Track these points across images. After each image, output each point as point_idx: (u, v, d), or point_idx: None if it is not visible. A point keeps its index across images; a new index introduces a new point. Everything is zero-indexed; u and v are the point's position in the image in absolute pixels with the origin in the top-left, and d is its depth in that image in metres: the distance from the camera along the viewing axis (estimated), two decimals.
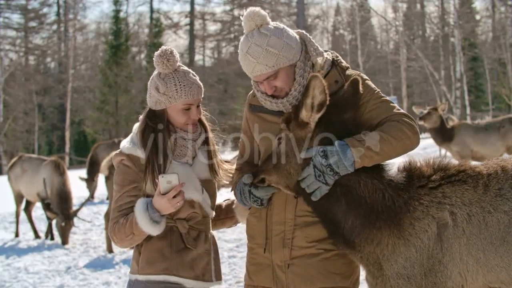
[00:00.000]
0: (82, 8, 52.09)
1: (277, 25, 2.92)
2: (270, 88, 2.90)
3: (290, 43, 2.89)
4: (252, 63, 2.85)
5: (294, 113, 2.75)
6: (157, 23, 45.37)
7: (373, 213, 2.63)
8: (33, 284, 7.55)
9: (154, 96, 3.00)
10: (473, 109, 36.02)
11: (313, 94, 2.63)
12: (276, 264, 2.96)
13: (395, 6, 38.95)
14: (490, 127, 12.19)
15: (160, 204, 2.84)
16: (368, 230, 2.64)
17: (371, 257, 2.68)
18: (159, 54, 2.98)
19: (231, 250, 8.74)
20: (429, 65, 30.04)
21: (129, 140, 3.04)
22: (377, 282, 2.70)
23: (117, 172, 3.00)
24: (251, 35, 2.89)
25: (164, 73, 3.00)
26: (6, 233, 11.76)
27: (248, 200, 2.93)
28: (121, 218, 2.92)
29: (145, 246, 3.00)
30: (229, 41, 51.52)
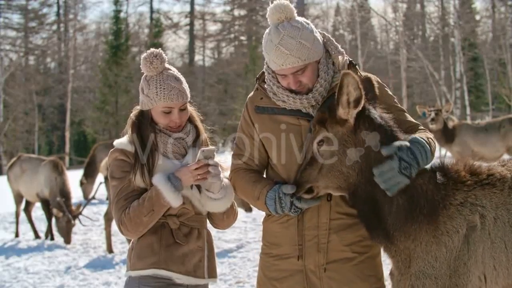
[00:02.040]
0: (82, 8, 52.06)
1: (304, 19, 2.92)
2: (296, 82, 2.88)
3: (318, 39, 2.92)
4: (284, 55, 2.82)
5: (329, 112, 2.76)
6: (157, 23, 45.37)
7: (417, 207, 2.67)
8: (33, 284, 7.55)
9: (140, 96, 3.12)
10: (473, 109, 36.01)
11: (347, 91, 2.65)
12: (309, 269, 2.94)
13: (395, 6, 38.94)
14: (490, 127, 12.19)
15: (183, 172, 2.94)
16: (410, 224, 2.68)
17: (404, 253, 2.72)
18: (145, 56, 3.07)
19: (231, 250, 8.74)
20: (429, 65, 30.03)
21: (121, 138, 3.15)
22: (401, 279, 2.73)
23: (114, 167, 3.06)
24: (282, 27, 2.84)
25: (149, 75, 3.09)
26: (6, 233, 11.76)
27: (288, 210, 2.85)
28: (134, 202, 2.95)
29: (136, 243, 3.06)
30: (229, 41, 51.52)
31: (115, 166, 3.05)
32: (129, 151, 3.05)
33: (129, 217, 2.93)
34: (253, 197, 2.96)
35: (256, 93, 3.09)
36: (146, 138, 3.06)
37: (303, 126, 2.95)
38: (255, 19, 48.40)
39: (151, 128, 3.08)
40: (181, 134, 3.15)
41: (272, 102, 3.00)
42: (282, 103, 2.95)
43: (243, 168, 3.08)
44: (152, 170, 3.01)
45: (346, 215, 2.94)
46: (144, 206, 2.92)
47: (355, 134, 2.72)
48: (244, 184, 3.02)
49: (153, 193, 2.94)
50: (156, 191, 2.93)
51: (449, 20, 34.81)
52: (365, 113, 2.73)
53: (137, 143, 3.04)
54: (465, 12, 32.91)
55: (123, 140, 3.11)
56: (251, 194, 2.97)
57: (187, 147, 3.13)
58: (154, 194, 2.93)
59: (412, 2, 43.02)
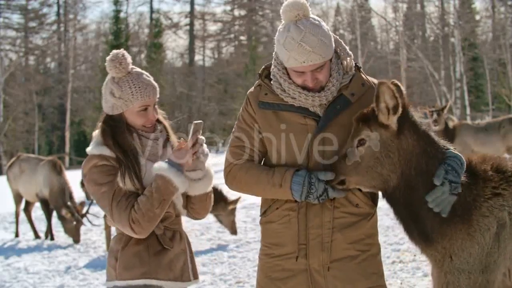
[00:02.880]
0: (82, 8, 52.21)
1: (318, 18, 2.93)
2: (313, 80, 2.87)
3: (333, 37, 2.94)
4: (307, 52, 2.80)
5: (373, 113, 2.80)
6: (157, 23, 45.36)
7: (452, 210, 2.74)
8: (33, 284, 7.55)
9: (109, 101, 2.99)
10: (473, 109, 36.02)
11: (384, 99, 2.72)
12: (313, 268, 2.94)
13: (395, 7, 38.96)
14: (490, 127, 12.20)
15: (179, 154, 2.89)
16: (446, 225, 2.76)
17: (441, 252, 2.80)
18: (110, 58, 2.97)
19: (231, 250, 8.75)
20: (429, 65, 30.04)
21: (94, 145, 3.00)
22: (440, 276, 2.82)
23: (97, 174, 2.90)
24: (302, 24, 2.83)
25: (117, 77, 2.99)
26: (6, 233, 11.76)
27: (315, 197, 2.83)
28: (141, 197, 2.85)
29: (121, 252, 2.96)
30: (229, 41, 51.53)
31: (99, 173, 2.90)
32: (108, 155, 2.93)
33: (141, 213, 2.82)
34: (271, 184, 2.88)
35: (259, 88, 3.05)
36: (127, 143, 2.95)
37: (310, 125, 2.93)
38: (255, 19, 48.40)
39: (129, 132, 2.99)
40: (157, 134, 3.08)
41: (278, 99, 2.97)
42: (291, 99, 2.93)
43: (247, 159, 3.01)
44: (140, 175, 2.92)
45: (349, 214, 2.96)
46: (154, 197, 2.83)
47: (398, 139, 2.77)
48: (255, 173, 2.94)
49: (159, 183, 2.85)
50: (163, 179, 2.85)
51: (449, 20, 34.81)
52: (409, 119, 2.80)
53: (118, 149, 2.92)
54: (465, 12, 32.92)
55: (96, 147, 2.97)
56: (267, 181, 2.89)
57: (160, 148, 3.07)
58: (161, 183, 2.85)
59: (412, 2, 43.02)
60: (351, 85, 2.99)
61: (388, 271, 6.84)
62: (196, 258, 9.22)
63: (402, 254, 7.65)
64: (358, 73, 3.04)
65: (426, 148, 2.77)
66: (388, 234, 8.98)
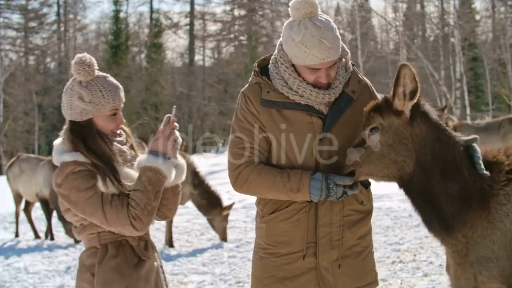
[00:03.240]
0: (82, 8, 52.20)
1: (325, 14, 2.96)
2: (327, 76, 2.88)
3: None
4: (327, 48, 2.81)
5: (385, 102, 2.82)
6: (157, 23, 45.37)
7: (469, 195, 2.77)
8: (33, 284, 7.55)
9: (78, 107, 2.84)
10: (473, 109, 36.02)
11: (404, 82, 2.73)
12: (322, 266, 2.96)
13: (395, 6, 38.93)
14: (490, 127, 12.22)
15: (158, 144, 2.85)
16: (465, 213, 2.78)
17: (461, 243, 2.81)
18: (78, 62, 2.84)
19: (231, 250, 8.75)
20: (429, 65, 30.03)
21: (60, 153, 2.86)
22: (459, 269, 2.82)
23: (77, 180, 2.76)
24: (318, 21, 2.84)
25: (85, 81, 2.86)
26: (6, 233, 11.76)
27: (336, 198, 2.83)
28: (135, 193, 2.77)
29: (98, 267, 2.84)
30: (229, 41, 51.51)
31: (79, 179, 2.76)
32: (82, 161, 2.80)
33: (140, 209, 2.74)
34: (288, 188, 2.85)
35: (257, 86, 3.00)
36: (100, 149, 2.84)
37: (316, 123, 2.93)
38: (255, 19, 48.39)
39: (100, 137, 2.87)
40: (123, 139, 3.00)
41: (282, 97, 2.94)
42: (299, 97, 2.92)
43: (253, 160, 2.95)
44: (119, 178, 2.83)
45: (356, 211, 3.01)
46: (149, 190, 2.77)
47: (411, 126, 2.79)
48: (269, 176, 2.88)
49: (149, 175, 2.79)
50: (152, 170, 2.79)
51: (449, 20, 34.80)
52: (420, 106, 2.82)
53: (91, 155, 2.81)
54: (465, 12, 32.90)
55: (66, 154, 2.83)
56: (282, 186, 2.85)
57: (129, 153, 2.99)
58: (151, 175, 2.79)
59: (412, 2, 43.01)
60: (351, 82, 3.02)
61: (388, 271, 6.84)
62: (196, 258, 9.25)
63: (402, 254, 7.66)
64: (354, 71, 3.08)
65: (439, 135, 2.80)
66: (388, 234, 8.99)
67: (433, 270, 6.75)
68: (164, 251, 8.99)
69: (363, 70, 35.14)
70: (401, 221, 9.95)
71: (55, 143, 2.94)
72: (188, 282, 7.14)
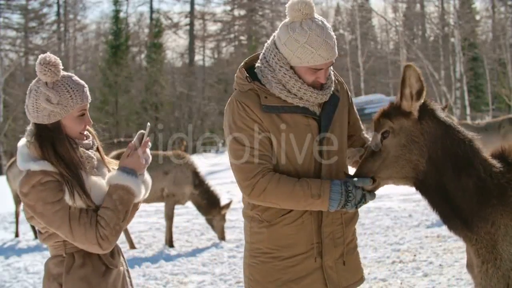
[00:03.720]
0: (82, 8, 52.20)
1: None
2: (325, 76, 2.93)
3: None
4: (331, 48, 2.85)
5: (393, 106, 2.87)
6: (157, 23, 45.39)
7: (486, 189, 2.79)
8: (33, 284, 7.55)
9: (45, 109, 2.71)
10: (473, 109, 36.03)
11: (409, 83, 2.77)
12: (327, 265, 2.98)
13: (395, 6, 38.94)
14: (490, 127, 12.20)
15: (131, 161, 2.78)
16: (485, 208, 2.78)
17: (485, 239, 2.80)
18: (42, 62, 2.73)
19: (231, 250, 8.74)
20: (429, 65, 30.03)
21: (27, 159, 2.73)
22: (488, 267, 2.80)
23: (44, 192, 2.64)
24: (320, 22, 2.88)
25: (51, 82, 2.74)
26: (6, 233, 11.76)
27: (354, 205, 2.83)
28: (105, 211, 2.68)
29: (66, 277, 2.74)
30: (229, 41, 51.53)
31: (46, 190, 2.64)
32: (51, 171, 2.68)
33: (109, 229, 2.66)
34: (308, 195, 2.81)
35: (252, 93, 2.94)
36: (68, 156, 2.72)
37: (312, 125, 2.95)
38: (255, 19, 48.40)
39: (68, 143, 2.75)
40: (90, 142, 2.89)
41: (279, 101, 2.92)
42: (298, 100, 2.92)
43: (269, 168, 2.90)
44: (87, 190, 2.72)
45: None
46: (119, 210, 2.69)
47: (421, 124, 2.84)
48: (288, 185, 2.84)
49: (121, 193, 2.72)
50: (125, 189, 2.72)
51: (449, 20, 34.80)
52: (427, 105, 2.87)
53: (60, 164, 2.68)
54: (465, 12, 32.91)
55: (34, 162, 2.70)
56: (302, 193, 2.81)
57: (95, 158, 2.89)
58: (123, 194, 2.72)
59: (412, 2, 43.02)
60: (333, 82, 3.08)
61: (388, 271, 6.84)
62: (196, 258, 9.26)
63: (402, 254, 7.65)
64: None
65: (448, 131, 2.85)
66: (388, 234, 8.99)
67: (433, 270, 6.75)
68: (164, 251, 8.99)
69: (363, 70, 35.16)
70: (401, 221, 9.95)
71: (19, 145, 2.81)
72: (188, 282, 7.14)
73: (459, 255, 7.26)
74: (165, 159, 9.29)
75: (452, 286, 6.14)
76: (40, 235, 2.87)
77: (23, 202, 2.72)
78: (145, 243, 9.63)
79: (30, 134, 2.79)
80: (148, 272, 7.61)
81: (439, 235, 8.48)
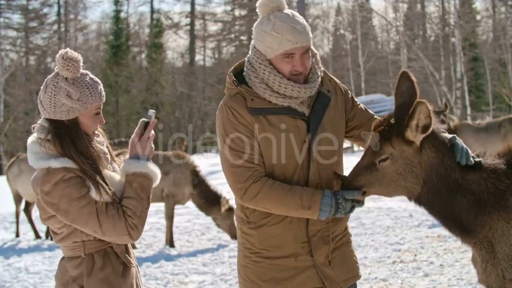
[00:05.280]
0: (82, 8, 52.17)
1: None
2: (302, 64, 2.92)
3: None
4: (299, 33, 2.88)
5: (397, 130, 2.85)
6: (158, 23, 45.41)
7: (482, 200, 2.85)
8: (34, 284, 7.55)
9: (65, 105, 2.70)
10: (474, 109, 36.01)
11: (418, 117, 2.79)
12: (320, 263, 3.00)
13: (396, 7, 38.94)
14: (490, 127, 12.19)
15: (141, 147, 2.80)
16: (481, 217, 2.85)
17: (484, 241, 2.89)
18: (66, 57, 2.71)
19: (232, 250, 8.74)
20: (429, 65, 30.03)
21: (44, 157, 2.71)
22: (487, 266, 2.89)
23: (70, 188, 2.64)
24: (288, 12, 2.95)
25: (71, 77, 2.74)
26: (6, 233, 11.76)
27: (343, 213, 2.87)
28: (129, 201, 2.70)
29: (87, 280, 2.74)
30: (230, 41, 51.51)
31: (71, 187, 2.63)
32: (72, 167, 2.67)
33: (137, 218, 2.69)
34: (299, 205, 2.84)
35: (240, 96, 2.96)
36: (88, 152, 2.73)
37: (300, 126, 2.95)
38: (256, 19, 48.09)
39: (86, 138, 2.77)
40: (101, 139, 2.91)
41: (265, 103, 2.94)
42: (281, 99, 2.92)
43: (261, 172, 2.92)
44: (108, 183, 2.73)
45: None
46: (142, 197, 2.72)
47: (420, 153, 2.87)
48: (280, 193, 2.87)
49: (140, 181, 2.74)
50: (144, 176, 2.75)
51: (449, 20, 34.80)
52: (431, 135, 2.89)
53: (82, 160, 2.68)
54: (465, 12, 32.91)
55: (53, 159, 2.68)
56: (294, 202, 2.85)
57: (108, 154, 2.91)
58: (143, 181, 2.74)
59: (412, 2, 43.02)
60: (324, 82, 3.07)
61: (388, 271, 6.84)
62: (197, 258, 9.26)
63: (403, 254, 7.65)
64: (323, 70, 3.12)
65: (443, 159, 2.88)
66: (388, 234, 8.98)
67: (434, 270, 6.75)
68: (165, 251, 9.00)
69: (363, 70, 35.15)
70: (401, 221, 9.95)
71: (30, 142, 2.78)
72: (188, 282, 7.14)
73: (460, 255, 7.26)
74: (165, 159, 9.29)
75: (452, 286, 6.14)
76: (55, 235, 2.85)
77: (44, 201, 2.68)
78: (145, 243, 9.63)
79: (43, 131, 2.76)
80: (148, 272, 7.61)
81: (440, 235, 8.48)
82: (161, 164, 9.21)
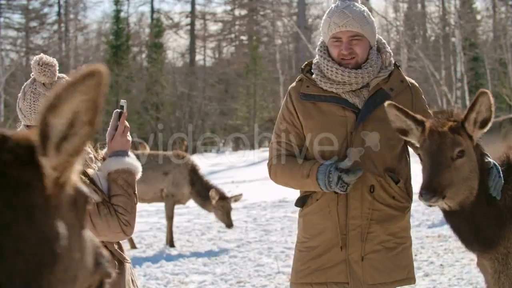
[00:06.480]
0: (83, 8, 52.20)
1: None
2: (348, 48, 2.97)
3: (375, 27, 3.10)
4: (346, 16, 2.95)
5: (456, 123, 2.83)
6: (158, 23, 45.39)
7: (502, 215, 2.86)
8: None
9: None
10: None
11: (479, 109, 2.75)
12: (352, 258, 3.00)
13: (396, 6, 38.93)
14: (490, 127, 12.19)
15: (118, 142, 2.78)
16: (503, 230, 2.87)
17: (501, 254, 2.88)
18: (41, 63, 2.73)
19: (232, 250, 8.74)
20: (430, 65, 30.02)
21: None
22: (500, 276, 2.89)
23: None
24: (352, 1, 3.03)
25: (49, 82, 2.76)
26: None
27: (335, 185, 2.88)
28: (120, 198, 2.72)
29: None
30: (230, 41, 51.50)
31: None
32: None
33: (129, 214, 2.73)
34: (301, 175, 2.97)
35: (301, 82, 3.13)
36: None
37: (348, 117, 2.99)
38: (256, 19, 48.36)
39: None
40: None
41: (319, 90, 3.05)
42: (329, 85, 3.00)
43: (284, 153, 3.10)
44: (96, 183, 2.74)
45: (388, 206, 3.03)
46: (129, 193, 2.74)
47: (476, 150, 2.87)
48: (290, 166, 3.04)
49: (125, 177, 2.74)
50: (126, 172, 2.76)
51: (449, 20, 34.79)
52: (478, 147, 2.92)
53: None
54: (465, 12, 32.91)
55: None
56: (299, 173, 2.98)
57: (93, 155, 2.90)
58: (126, 176, 2.75)
59: (412, 2, 43.00)
60: (390, 80, 3.07)
61: None
62: (197, 258, 9.25)
63: None
64: (397, 70, 3.12)
65: (482, 164, 2.89)
66: None
67: (434, 270, 6.74)
68: (165, 251, 9.00)
69: None
70: None
71: None
72: (189, 282, 7.14)
73: (460, 255, 7.26)
74: (165, 159, 9.28)
75: (453, 286, 6.14)
76: None
77: None
78: (146, 243, 9.63)
79: None
80: (149, 272, 7.61)
81: (440, 235, 8.48)
82: (161, 164, 9.21)
